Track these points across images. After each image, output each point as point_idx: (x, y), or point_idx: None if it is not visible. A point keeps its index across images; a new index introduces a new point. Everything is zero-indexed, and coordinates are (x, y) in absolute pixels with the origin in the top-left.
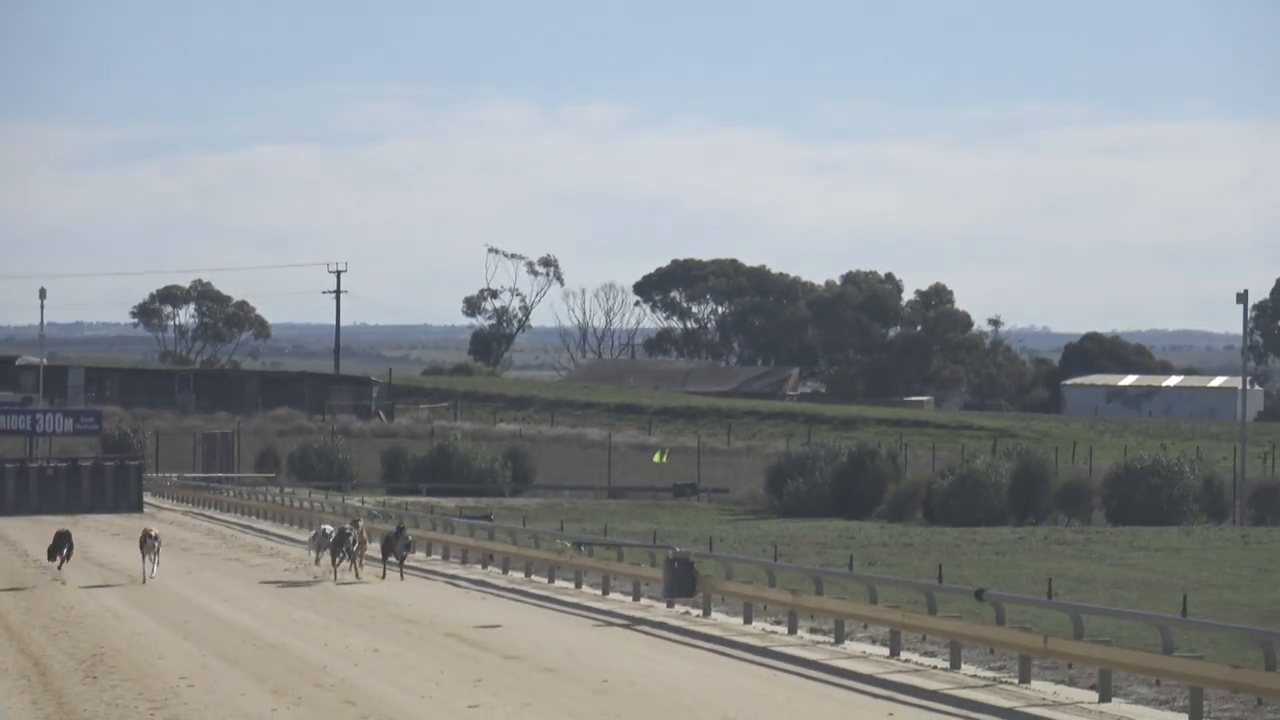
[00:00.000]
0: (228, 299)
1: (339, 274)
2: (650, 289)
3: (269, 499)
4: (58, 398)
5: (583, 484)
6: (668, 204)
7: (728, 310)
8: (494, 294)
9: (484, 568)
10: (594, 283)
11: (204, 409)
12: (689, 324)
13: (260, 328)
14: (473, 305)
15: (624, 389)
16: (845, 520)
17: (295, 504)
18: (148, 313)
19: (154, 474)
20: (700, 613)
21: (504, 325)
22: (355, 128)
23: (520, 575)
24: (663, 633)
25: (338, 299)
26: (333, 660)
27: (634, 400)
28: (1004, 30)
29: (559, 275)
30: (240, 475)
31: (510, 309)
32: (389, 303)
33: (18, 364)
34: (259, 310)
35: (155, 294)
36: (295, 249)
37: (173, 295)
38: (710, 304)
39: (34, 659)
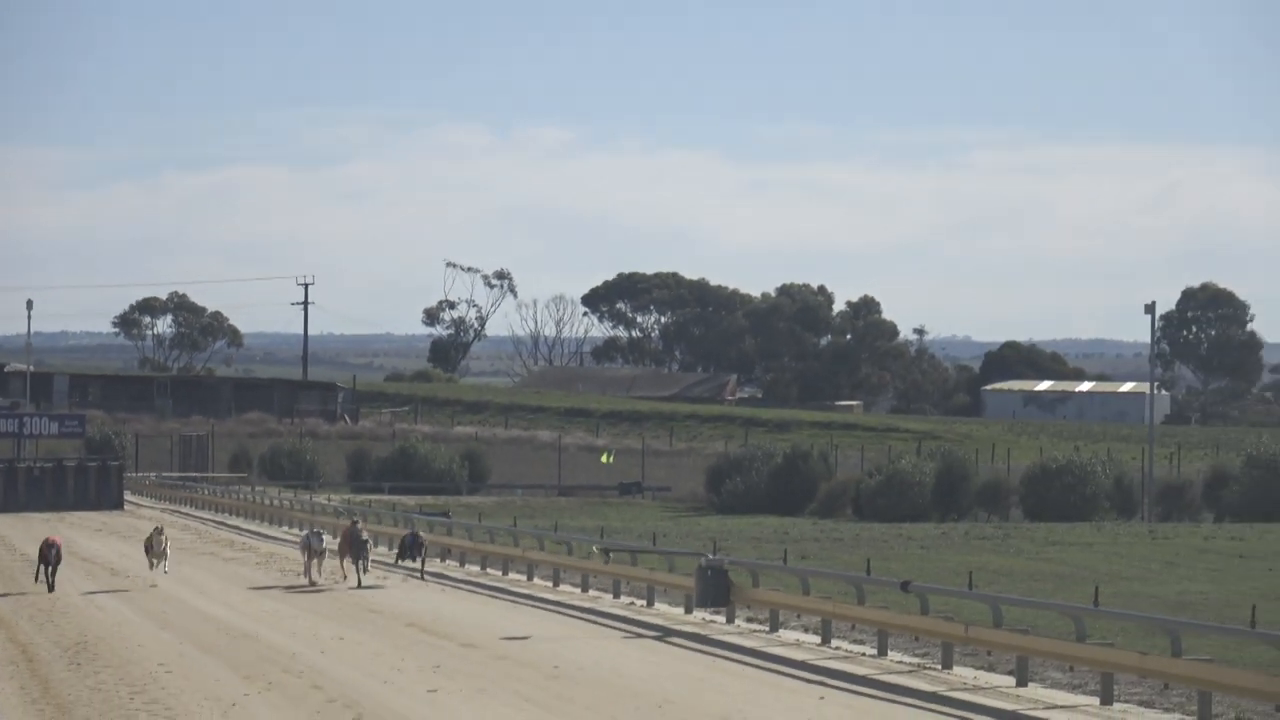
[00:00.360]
0: (203, 310)
1: (307, 286)
2: (598, 300)
3: (241, 497)
4: (44, 402)
5: (535, 483)
6: (614, 220)
7: (670, 320)
8: (452, 305)
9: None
10: (545, 294)
11: (180, 413)
12: (634, 333)
13: (233, 337)
14: (432, 316)
15: (573, 394)
16: (780, 517)
17: (266, 502)
18: (128, 323)
19: (134, 474)
20: (644, 603)
21: (461, 334)
22: (322, 150)
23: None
24: (610, 623)
25: (306, 310)
26: (301, 648)
27: (583, 404)
28: (929, 60)
29: (513, 287)
30: (214, 475)
31: (467, 319)
32: (353, 313)
33: (6, 371)
34: (232, 320)
35: (135, 305)
36: (266, 263)
37: (151, 306)
38: (654, 314)
39: (21, 646)
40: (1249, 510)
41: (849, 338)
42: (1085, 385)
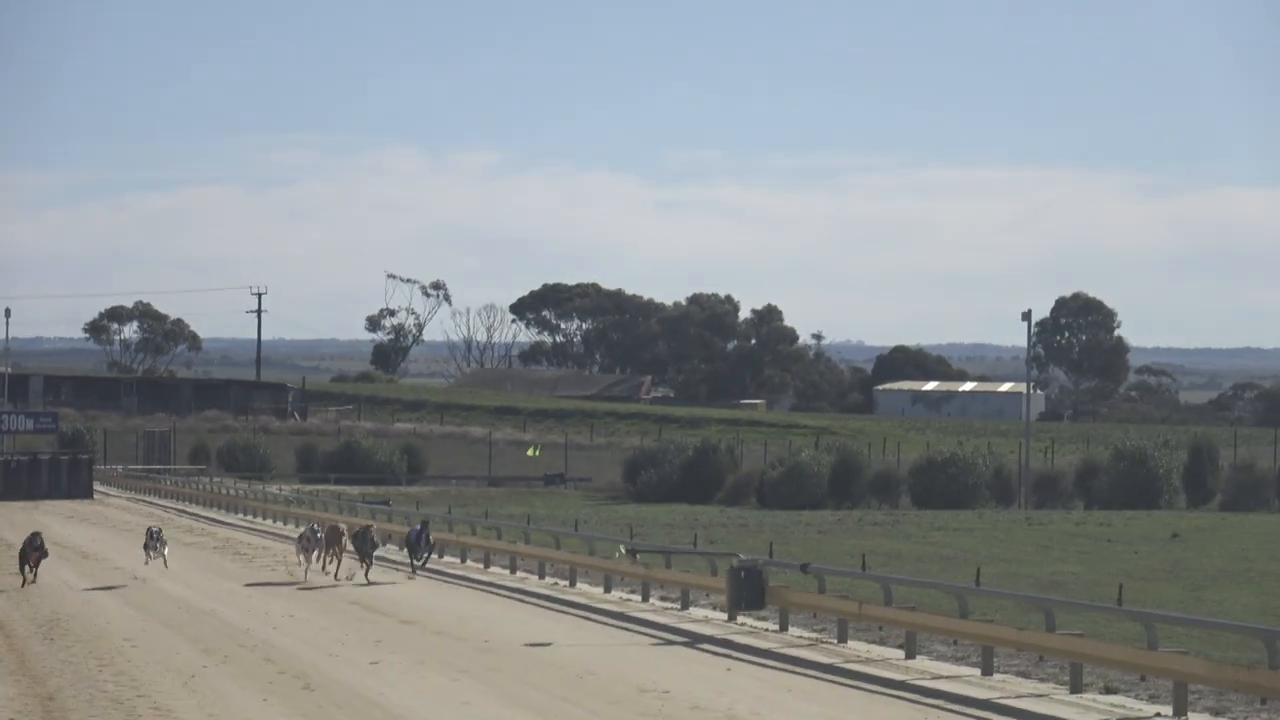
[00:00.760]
0: (165, 317)
1: (260, 296)
2: (525, 309)
3: (200, 487)
4: (20, 401)
5: (467, 474)
6: (539, 236)
7: (591, 327)
8: (392, 313)
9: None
10: (477, 303)
11: (145, 411)
12: (558, 338)
13: (193, 341)
14: (374, 323)
15: (503, 394)
16: (690, 505)
17: (223, 491)
18: (97, 329)
19: (102, 466)
20: (567, 583)
21: (401, 340)
22: (273, 172)
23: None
24: (535, 601)
25: (259, 317)
26: (255, 624)
27: (511, 403)
28: (821, 90)
29: (447, 297)
30: (176, 467)
31: (406, 326)
32: (302, 321)
33: None
34: (192, 327)
35: (103, 313)
36: (222, 275)
37: (118, 314)
38: (576, 321)
39: None
40: (1116, 499)
41: (753, 342)
42: (968, 385)
